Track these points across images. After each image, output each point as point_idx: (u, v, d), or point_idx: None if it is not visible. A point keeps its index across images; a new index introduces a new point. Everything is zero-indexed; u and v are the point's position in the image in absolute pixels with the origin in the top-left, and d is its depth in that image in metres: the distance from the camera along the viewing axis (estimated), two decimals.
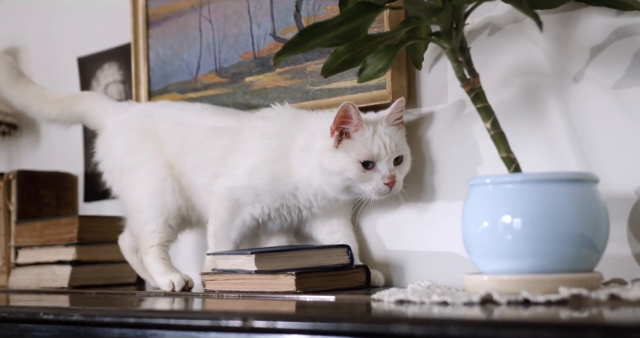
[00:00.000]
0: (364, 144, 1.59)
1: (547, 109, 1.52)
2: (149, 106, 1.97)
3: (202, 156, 1.81)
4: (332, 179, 1.62)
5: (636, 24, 1.41)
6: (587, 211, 1.25)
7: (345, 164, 1.60)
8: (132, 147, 1.88)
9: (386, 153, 1.59)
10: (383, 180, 1.59)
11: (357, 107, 1.58)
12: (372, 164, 1.60)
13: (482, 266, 1.31)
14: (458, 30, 1.36)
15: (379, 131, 1.61)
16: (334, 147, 1.61)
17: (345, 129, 1.59)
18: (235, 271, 1.68)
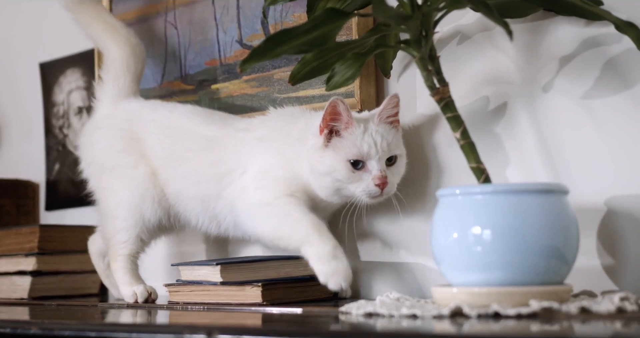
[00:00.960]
0: (353, 142, 1.50)
1: (517, 119, 1.51)
2: (140, 106, 1.87)
3: (195, 169, 1.71)
4: (322, 181, 1.54)
5: (605, 34, 1.40)
6: (558, 222, 1.24)
7: (333, 164, 1.51)
8: (117, 147, 1.81)
9: (377, 152, 1.50)
10: (373, 181, 1.50)
11: (346, 103, 1.50)
12: (362, 164, 1.51)
13: (452, 278, 1.29)
14: (427, 38, 1.34)
15: (369, 129, 1.52)
16: (323, 146, 1.53)
17: (335, 127, 1.51)
18: (201, 283, 1.65)
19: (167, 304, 1.69)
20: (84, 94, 2.30)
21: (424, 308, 1.22)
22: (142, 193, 1.76)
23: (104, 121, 1.87)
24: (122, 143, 1.80)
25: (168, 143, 1.76)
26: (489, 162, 1.37)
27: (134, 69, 1.92)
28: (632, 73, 1.38)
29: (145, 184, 1.76)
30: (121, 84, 1.90)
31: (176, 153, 1.75)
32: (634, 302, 1.22)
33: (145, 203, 1.76)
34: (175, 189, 1.75)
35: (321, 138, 1.52)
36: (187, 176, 1.73)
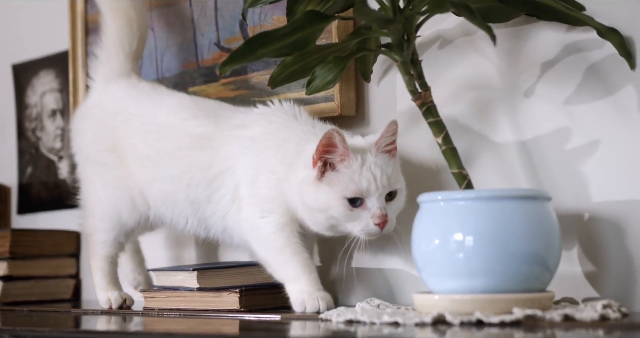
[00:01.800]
0: (350, 177, 1.38)
1: (499, 124, 1.50)
2: (126, 96, 1.75)
3: (185, 170, 1.61)
4: (315, 217, 1.43)
5: (587, 39, 1.40)
6: (540, 229, 1.23)
7: (328, 201, 1.39)
8: (101, 145, 1.73)
9: (377, 189, 1.39)
10: (373, 220, 1.38)
11: (343, 134, 1.39)
12: (360, 201, 1.39)
13: (434, 285, 1.27)
14: (409, 42, 1.33)
15: (367, 162, 1.40)
16: (316, 179, 1.41)
17: (330, 160, 1.40)
18: (177, 289, 1.62)
19: (142, 310, 1.66)
20: (58, 96, 2.26)
21: (405, 316, 1.21)
22: (120, 195, 1.70)
23: (93, 110, 1.79)
24: (106, 142, 1.73)
25: (153, 140, 1.66)
26: (471, 168, 1.36)
27: (129, 47, 1.81)
28: (614, 79, 1.38)
29: (127, 185, 1.69)
30: (114, 63, 1.80)
31: (163, 151, 1.65)
32: (617, 309, 1.21)
33: (126, 206, 1.70)
34: (160, 191, 1.66)
35: (314, 171, 1.41)
36: (176, 178, 1.62)
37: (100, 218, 1.73)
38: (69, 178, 2.23)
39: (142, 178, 1.68)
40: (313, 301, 1.42)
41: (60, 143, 2.26)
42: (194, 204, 1.61)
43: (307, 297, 1.43)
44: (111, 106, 1.75)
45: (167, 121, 1.66)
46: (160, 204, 1.67)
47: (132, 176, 1.69)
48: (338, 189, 1.39)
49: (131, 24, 1.82)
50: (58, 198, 2.26)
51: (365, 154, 1.41)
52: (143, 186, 1.68)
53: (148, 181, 1.67)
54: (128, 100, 1.75)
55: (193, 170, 1.60)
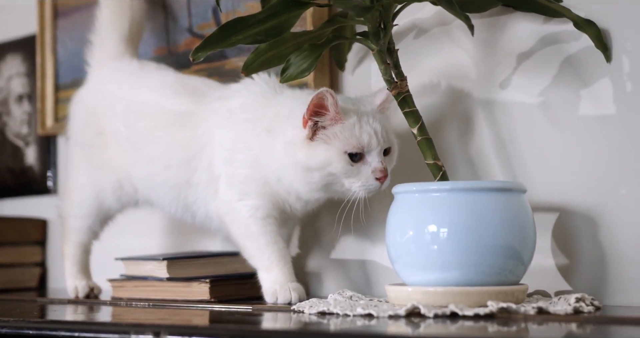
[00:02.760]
0: (350, 132, 1.34)
1: (474, 115, 1.49)
2: (110, 80, 1.71)
3: (163, 151, 1.56)
4: (310, 176, 1.37)
5: (563, 31, 1.39)
6: (515, 221, 1.23)
7: (328, 158, 1.35)
8: (91, 123, 1.69)
9: (378, 143, 1.35)
10: (374, 174, 1.35)
11: (336, 96, 1.34)
12: (359, 156, 1.35)
13: (407, 277, 1.26)
14: (386, 31, 1.31)
15: (366, 117, 1.37)
16: (307, 138, 1.36)
17: (320, 123, 1.35)
18: (146, 278, 1.59)
19: (110, 300, 1.63)
20: (25, 81, 2.22)
21: (379, 308, 1.19)
22: (107, 180, 1.66)
23: (84, 95, 1.75)
24: (94, 126, 1.68)
25: (133, 120, 1.61)
26: (446, 159, 1.35)
27: (121, 29, 1.76)
28: (590, 71, 1.37)
29: (112, 172, 1.65)
30: (108, 46, 1.75)
31: (142, 131, 1.60)
32: (590, 303, 1.21)
33: (109, 192, 1.66)
34: (143, 175, 1.61)
35: (305, 131, 1.36)
36: (155, 158, 1.57)
37: (79, 204, 1.71)
38: (35, 164, 2.19)
39: (126, 161, 1.63)
40: (285, 292, 1.41)
41: (27, 129, 2.21)
42: (175, 188, 1.56)
43: (279, 288, 1.41)
44: (99, 90, 1.72)
45: (147, 100, 1.62)
46: (145, 188, 1.63)
47: (118, 159, 1.65)
48: (338, 145, 1.35)
49: (123, 7, 1.77)
50: (25, 184, 2.21)
51: (363, 111, 1.38)
52: (128, 169, 1.63)
53: (131, 164, 1.63)
54: (113, 82, 1.70)
55: (172, 150, 1.55)
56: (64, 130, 2.05)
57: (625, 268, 1.33)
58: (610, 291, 1.34)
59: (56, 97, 2.08)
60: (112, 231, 1.80)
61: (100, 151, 1.68)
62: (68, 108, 1.80)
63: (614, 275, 1.34)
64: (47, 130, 2.10)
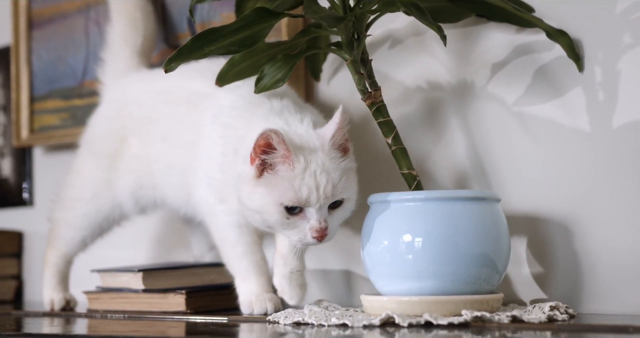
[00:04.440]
0: (290, 183, 1.24)
1: (448, 125, 1.49)
2: (136, 86, 1.66)
3: (174, 129, 1.51)
4: (252, 217, 1.31)
5: (536, 41, 1.40)
6: (489, 230, 1.23)
7: (264, 206, 1.27)
8: (110, 133, 1.64)
9: (317, 199, 1.25)
10: (311, 232, 1.26)
11: (281, 135, 1.24)
12: (299, 209, 1.26)
13: (382, 286, 1.26)
14: (360, 41, 1.32)
15: (313, 165, 1.25)
16: (255, 178, 1.28)
17: (268, 161, 1.26)
18: (122, 290, 1.58)
19: (85, 312, 1.62)
20: (0, 92, 2.20)
21: (353, 318, 1.19)
22: (119, 190, 1.62)
23: (104, 107, 1.71)
24: (116, 134, 1.63)
25: (159, 105, 1.56)
26: (421, 169, 1.35)
27: (133, 44, 1.74)
28: (563, 81, 1.38)
29: (133, 174, 1.60)
30: (120, 60, 1.73)
31: (164, 114, 1.54)
32: (564, 311, 1.22)
33: (124, 198, 1.62)
34: (157, 158, 1.55)
35: (252, 169, 1.28)
36: (166, 136, 1.52)
37: (79, 215, 1.67)
38: (11, 176, 2.18)
39: (147, 152, 1.57)
40: (261, 303, 1.40)
41: (2, 140, 2.20)
42: (181, 174, 1.51)
43: (255, 299, 1.41)
44: (122, 99, 1.66)
45: (173, 84, 1.55)
46: (160, 176, 1.56)
47: (140, 156, 1.59)
48: (275, 194, 1.26)
49: (136, 22, 1.76)
50: (1, 196, 2.20)
51: (313, 154, 1.27)
52: (149, 161, 1.57)
53: (151, 153, 1.57)
54: (137, 82, 1.67)
55: (181, 130, 1.51)
56: (40, 141, 2.05)
57: (599, 276, 1.34)
58: (585, 299, 1.35)
59: (31, 108, 2.07)
60: None
61: (119, 157, 1.62)
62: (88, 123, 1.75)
63: (588, 283, 1.35)
64: (22, 141, 2.08)
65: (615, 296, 1.32)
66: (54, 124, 2.03)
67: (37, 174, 2.13)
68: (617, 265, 1.32)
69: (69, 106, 2.00)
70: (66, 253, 1.72)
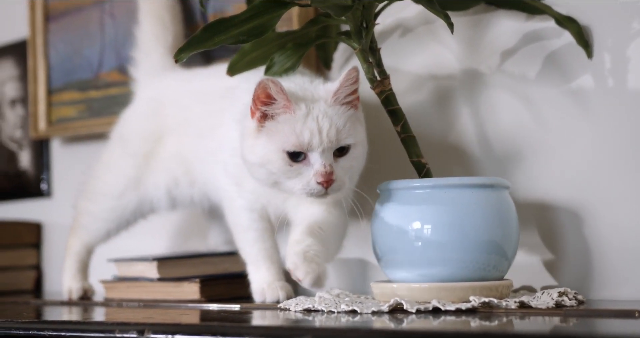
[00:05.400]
0: (291, 128, 1.23)
1: (458, 113, 1.49)
2: (173, 85, 1.66)
3: (202, 120, 1.52)
4: (256, 172, 1.28)
5: (546, 28, 1.40)
6: (498, 217, 1.23)
7: (265, 154, 1.25)
8: (147, 133, 1.64)
9: (320, 142, 1.22)
10: (315, 178, 1.23)
11: (279, 84, 1.23)
12: (303, 156, 1.24)
13: (392, 273, 1.27)
14: (368, 30, 1.32)
15: (315, 111, 1.24)
16: (256, 131, 1.26)
17: (268, 112, 1.25)
18: (137, 279, 1.60)
19: (102, 301, 1.64)
20: (18, 85, 2.23)
21: (363, 305, 1.20)
22: (153, 188, 1.62)
23: (140, 105, 1.71)
24: (151, 137, 1.64)
25: (195, 104, 1.57)
26: (431, 156, 1.35)
27: (164, 42, 1.74)
28: (572, 68, 1.38)
29: (164, 175, 1.61)
30: (155, 59, 1.73)
31: (198, 112, 1.54)
32: (573, 297, 1.22)
33: (159, 196, 1.62)
34: (192, 153, 1.55)
35: (253, 122, 1.27)
36: (196, 127, 1.54)
37: (107, 208, 1.67)
38: (30, 167, 2.20)
39: (185, 150, 1.58)
40: (273, 291, 1.41)
41: (21, 132, 2.23)
42: (210, 164, 1.51)
43: (266, 287, 1.42)
44: (158, 99, 1.67)
45: (203, 86, 1.57)
46: (197, 172, 1.57)
47: (177, 154, 1.59)
48: (277, 141, 1.24)
49: (164, 22, 1.77)
50: (19, 187, 2.23)
51: (315, 103, 1.25)
52: (187, 159, 1.58)
53: (188, 151, 1.58)
54: (176, 89, 1.66)
55: (207, 119, 1.51)
56: (57, 133, 2.08)
57: (610, 262, 1.34)
58: (596, 286, 1.35)
59: (49, 100, 2.09)
60: None
61: (154, 156, 1.63)
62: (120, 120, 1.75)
63: (599, 269, 1.35)
64: (40, 133, 2.11)
65: (626, 281, 1.32)
66: (71, 115, 2.06)
67: (55, 166, 2.16)
68: (627, 251, 1.32)
69: (85, 98, 2.02)
70: (89, 243, 1.73)
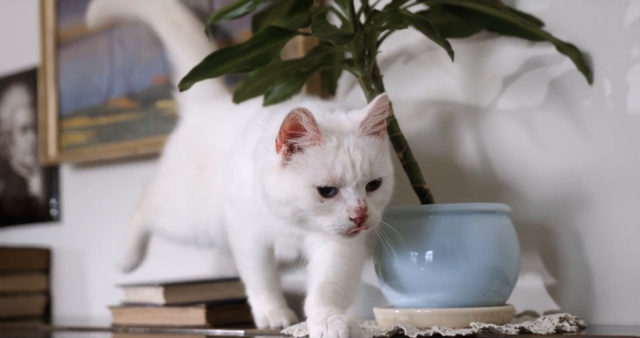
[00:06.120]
0: (322, 162, 1.15)
1: (461, 138, 1.51)
2: (215, 113, 1.63)
3: (229, 149, 1.47)
4: (281, 210, 1.19)
5: (547, 55, 1.41)
6: (499, 243, 1.24)
7: (293, 190, 1.16)
8: (189, 160, 1.62)
9: (354, 176, 1.14)
10: (348, 214, 1.15)
11: (311, 114, 1.15)
12: (334, 191, 1.16)
13: (394, 299, 1.28)
14: (370, 57, 1.34)
15: (346, 143, 1.16)
16: (281, 165, 1.18)
17: (297, 145, 1.17)
18: (144, 304, 1.61)
19: (110, 326, 1.65)
20: (29, 111, 2.26)
21: (365, 331, 1.21)
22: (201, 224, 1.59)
23: (186, 133, 1.69)
24: (195, 163, 1.61)
25: (233, 135, 1.49)
26: (432, 182, 1.36)
27: None
28: (573, 94, 1.39)
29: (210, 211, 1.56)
30: (202, 88, 1.61)
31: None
32: (574, 322, 1.22)
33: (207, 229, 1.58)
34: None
35: (278, 156, 1.19)
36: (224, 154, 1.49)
37: (173, 202, 1.64)
38: (40, 193, 2.23)
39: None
40: (276, 317, 1.41)
41: (32, 158, 2.25)
42: None
43: (268, 314, 1.42)
44: (201, 127, 1.65)
45: (242, 116, 1.48)
46: None
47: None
48: (306, 176, 1.15)
49: (202, 48, 1.73)
50: (30, 213, 2.25)
51: (344, 134, 1.18)
52: None
53: None
54: (217, 119, 1.62)
55: (231, 148, 1.46)
56: (67, 159, 2.10)
57: (612, 287, 1.34)
58: (599, 310, 1.35)
59: (59, 126, 2.12)
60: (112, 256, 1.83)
61: (202, 188, 1.58)
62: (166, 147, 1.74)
63: (601, 294, 1.35)
64: (50, 159, 2.13)
65: (629, 306, 1.32)
66: (80, 142, 2.08)
67: (65, 191, 2.18)
68: (629, 275, 1.32)
69: (94, 124, 2.05)
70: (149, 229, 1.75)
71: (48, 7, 2.14)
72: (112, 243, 2.01)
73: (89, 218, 2.12)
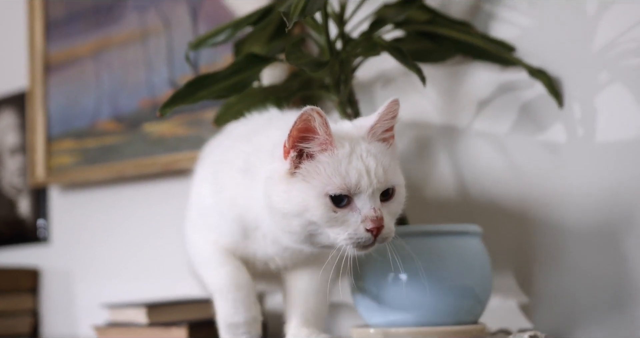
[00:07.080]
0: (335, 168, 1.07)
1: (437, 161, 1.54)
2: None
3: None
4: (288, 224, 1.09)
5: (519, 79, 1.45)
6: (470, 263, 1.27)
7: (303, 201, 1.07)
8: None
9: (369, 183, 1.07)
10: (364, 224, 1.07)
11: (325, 115, 1.08)
12: (347, 200, 1.08)
13: (370, 318, 1.31)
14: (346, 83, 1.38)
15: (358, 149, 1.09)
16: (288, 174, 1.09)
17: (307, 149, 1.09)
18: (128, 324, 1.64)
19: None
20: (18, 134, 2.29)
21: None
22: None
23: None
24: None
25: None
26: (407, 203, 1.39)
27: None
28: (544, 117, 1.43)
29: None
30: None
31: None
32: None
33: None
34: None
35: (286, 163, 1.10)
36: None
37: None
38: (28, 214, 2.25)
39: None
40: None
41: (20, 180, 2.28)
42: None
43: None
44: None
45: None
46: None
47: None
48: (318, 184, 1.07)
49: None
50: (18, 234, 2.27)
51: (355, 141, 1.11)
52: None
53: None
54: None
55: None
56: (55, 180, 2.13)
57: (583, 305, 1.37)
58: (570, 328, 1.38)
59: (47, 148, 2.15)
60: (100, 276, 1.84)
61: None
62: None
63: (572, 312, 1.38)
64: (38, 181, 2.16)
65: (599, 324, 1.35)
66: (68, 163, 2.11)
67: (54, 212, 2.20)
68: (598, 294, 1.36)
69: (82, 147, 2.08)
70: None
71: (37, 31, 2.18)
72: (100, 263, 2.04)
73: (77, 238, 2.14)
